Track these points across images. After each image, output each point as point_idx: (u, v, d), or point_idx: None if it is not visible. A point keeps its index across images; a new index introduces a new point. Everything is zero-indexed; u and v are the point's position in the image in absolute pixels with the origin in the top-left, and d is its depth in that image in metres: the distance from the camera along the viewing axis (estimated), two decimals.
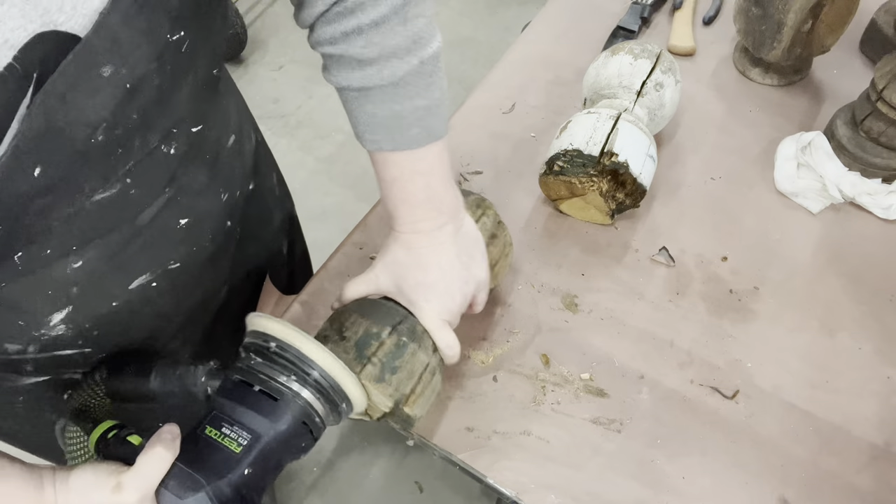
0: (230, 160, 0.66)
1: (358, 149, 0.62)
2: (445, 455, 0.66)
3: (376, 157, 0.59)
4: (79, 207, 0.47)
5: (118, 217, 0.53)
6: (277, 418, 0.51)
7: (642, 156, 0.74)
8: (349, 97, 0.58)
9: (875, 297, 0.75)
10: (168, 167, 0.54)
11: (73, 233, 0.50)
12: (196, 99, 0.53)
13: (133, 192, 0.51)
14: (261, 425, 0.50)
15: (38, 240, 0.48)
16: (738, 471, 0.64)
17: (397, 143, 0.57)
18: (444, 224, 0.60)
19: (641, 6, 1.04)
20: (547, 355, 0.71)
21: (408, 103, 0.56)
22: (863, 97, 0.81)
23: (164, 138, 0.51)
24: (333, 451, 1.56)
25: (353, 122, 0.60)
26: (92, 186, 0.47)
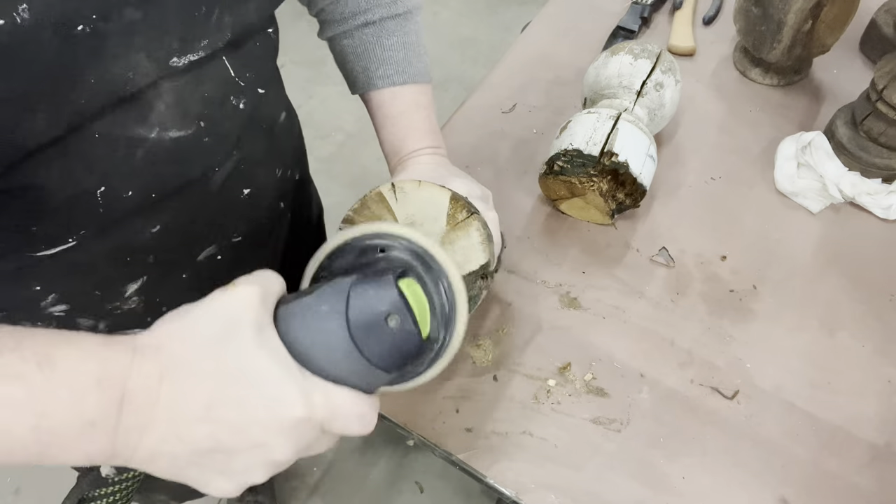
0: (283, 135, 0.70)
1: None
2: (445, 455, 0.66)
3: (384, 95, 0.67)
4: (158, 139, 0.49)
5: (193, 167, 0.55)
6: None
7: (642, 156, 0.74)
8: (365, 37, 0.65)
9: (875, 297, 0.75)
10: (235, 122, 0.57)
11: (152, 172, 0.51)
12: (265, 56, 0.59)
13: (206, 139, 0.54)
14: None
15: (120, 172, 0.49)
16: (738, 471, 0.64)
17: (406, 76, 0.66)
18: (444, 157, 0.68)
19: (641, 6, 1.04)
20: (550, 356, 0.71)
21: (412, 37, 0.66)
22: (863, 97, 0.81)
23: (236, 90, 0.55)
24: (334, 451, 1.56)
25: (361, 69, 0.67)
26: (172, 116, 0.50)
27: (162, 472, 0.38)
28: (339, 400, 0.39)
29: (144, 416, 0.36)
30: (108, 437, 0.35)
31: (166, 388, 0.36)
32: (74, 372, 0.34)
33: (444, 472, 1.49)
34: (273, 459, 0.38)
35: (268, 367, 0.37)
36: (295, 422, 0.37)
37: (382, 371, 0.40)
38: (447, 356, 0.45)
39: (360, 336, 0.38)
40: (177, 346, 0.37)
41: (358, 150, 2.11)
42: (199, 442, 0.36)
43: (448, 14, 2.49)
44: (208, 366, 0.36)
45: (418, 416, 0.67)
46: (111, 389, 0.35)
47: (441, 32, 0.75)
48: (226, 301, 0.38)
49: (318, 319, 0.38)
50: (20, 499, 1.52)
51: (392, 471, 1.52)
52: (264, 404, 0.36)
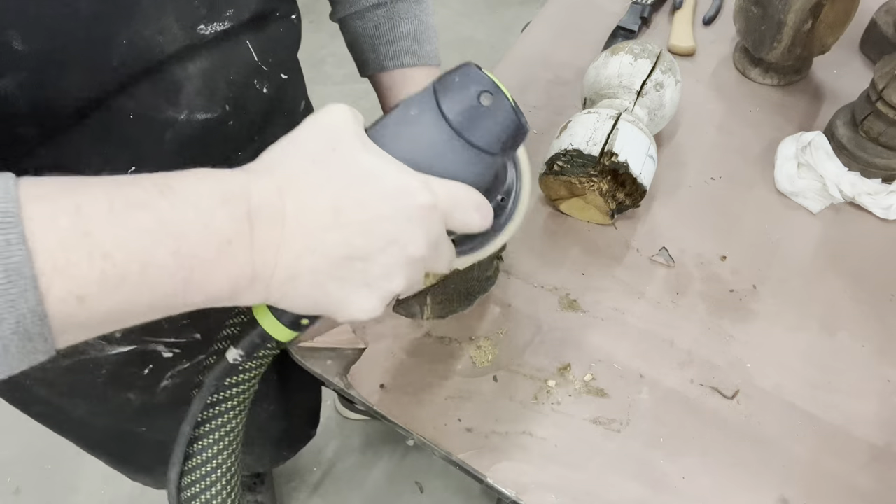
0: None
1: None
2: (445, 455, 0.66)
3: (394, 76, 0.67)
4: (187, 121, 0.50)
5: (218, 150, 0.56)
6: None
7: (642, 156, 0.74)
8: (376, 19, 0.66)
9: (875, 297, 0.75)
10: (259, 106, 0.58)
11: (180, 153, 0.52)
12: (288, 42, 0.60)
13: (231, 122, 0.55)
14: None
15: (151, 153, 0.50)
16: (738, 471, 0.64)
17: (417, 58, 0.66)
18: None
19: (641, 6, 1.04)
20: (550, 357, 0.71)
21: (424, 19, 0.67)
22: (863, 97, 0.81)
23: (260, 74, 0.56)
24: (334, 451, 1.56)
25: (371, 50, 0.67)
26: (200, 98, 0.51)
27: (304, 297, 0.37)
28: (455, 188, 0.38)
29: (276, 233, 0.35)
30: (247, 256, 0.35)
31: (289, 201, 0.36)
32: (196, 194, 0.34)
33: (444, 472, 1.49)
34: (409, 255, 0.37)
35: (381, 165, 0.36)
36: (422, 209, 0.37)
37: (487, 153, 0.39)
38: (522, 205, 0.45)
39: (458, 121, 0.38)
40: (287, 162, 0.37)
41: None
42: (334, 250, 0.36)
43: (448, 14, 2.49)
44: (323, 174, 0.36)
45: (418, 416, 0.67)
46: (237, 205, 0.34)
47: (441, 32, 0.75)
48: (321, 118, 0.38)
49: (412, 122, 0.38)
50: (20, 499, 1.52)
51: (392, 471, 1.52)
52: (388, 197, 0.36)
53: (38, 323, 0.29)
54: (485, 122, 0.38)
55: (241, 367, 0.45)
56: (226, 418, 0.47)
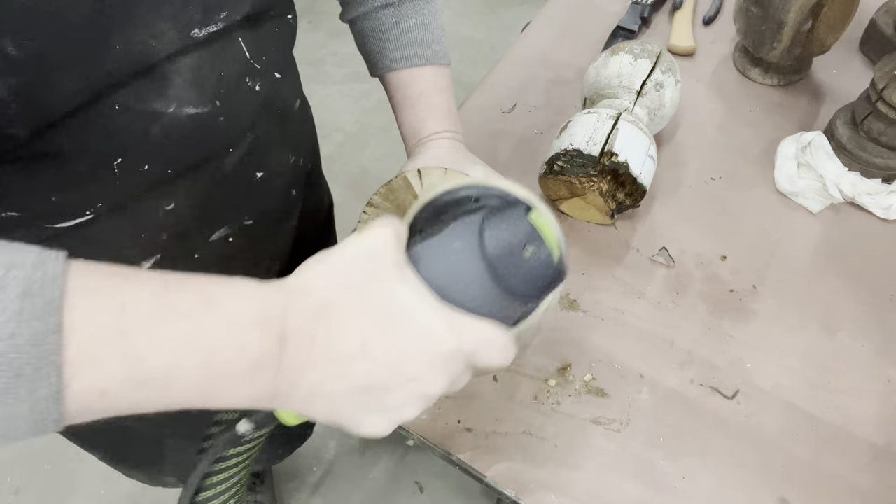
0: (296, 123, 0.71)
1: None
2: (445, 455, 0.66)
3: (403, 76, 0.67)
4: (175, 115, 0.51)
5: (208, 145, 0.56)
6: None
7: (642, 156, 0.74)
8: (384, 18, 0.66)
9: (875, 297, 0.75)
10: (250, 104, 0.58)
11: (168, 147, 0.52)
12: (283, 41, 0.60)
13: (221, 119, 0.55)
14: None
15: (138, 145, 0.50)
16: (738, 471, 0.64)
17: (425, 57, 0.67)
18: (461, 142, 0.68)
19: (641, 6, 1.04)
20: (550, 357, 0.71)
21: (432, 18, 0.67)
22: (863, 97, 0.81)
23: (251, 72, 0.56)
24: (334, 451, 1.56)
25: (380, 50, 0.68)
26: (189, 93, 0.51)
27: (318, 413, 0.38)
28: (483, 331, 0.39)
29: (304, 356, 0.36)
30: (273, 377, 0.35)
31: (322, 326, 0.36)
32: (236, 311, 0.34)
33: (444, 472, 1.49)
34: (426, 393, 0.38)
35: (415, 303, 0.37)
36: (447, 354, 0.37)
37: (520, 302, 0.40)
38: (558, 289, 0.46)
39: (497, 268, 0.38)
40: (325, 286, 0.37)
41: (357, 150, 2.11)
42: (357, 379, 0.36)
43: (448, 14, 2.49)
44: (358, 304, 0.36)
45: (418, 416, 0.67)
46: (272, 328, 0.35)
47: None
48: (364, 242, 0.38)
49: (453, 255, 0.39)
50: (20, 499, 1.52)
51: (392, 471, 1.52)
52: (417, 339, 0.37)
53: (53, 409, 0.30)
54: (524, 273, 0.39)
55: (250, 437, 0.46)
56: (230, 473, 0.49)
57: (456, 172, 0.58)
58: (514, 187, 0.43)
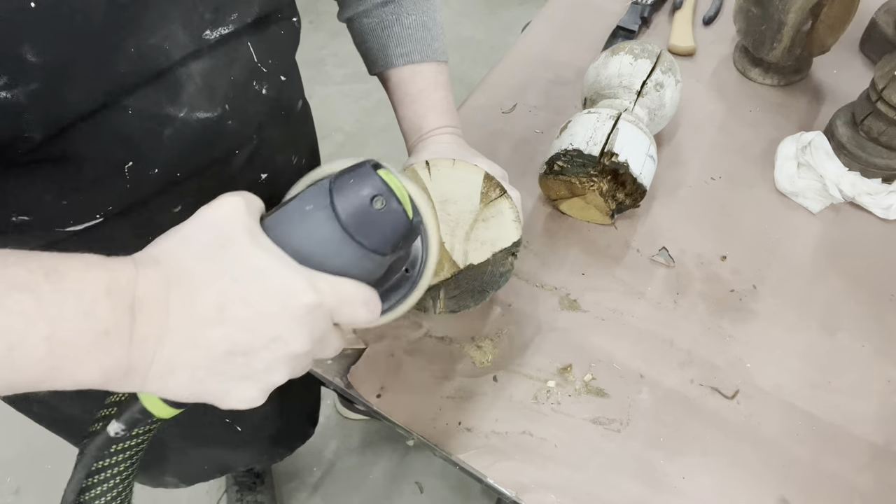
0: (299, 123, 0.72)
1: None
2: (445, 455, 0.66)
3: (403, 73, 0.67)
4: (186, 119, 0.51)
5: (216, 149, 0.57)
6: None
7: (642, 156, 0.74)
8: (384, 16, 0.66)
9: (875, 297, 0.75)
10: (258, 107, 0.59)
11: (178, 151, 0.53)
12: (288, 44, 0.61)
13: (230, 122, 0.55)
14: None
15: (149, 149, 0.51)
16: (738, 471, 0.64)
17: (425, 54, 0.67)
18: (460, 136, 0.68)
19: (641, 6, 1.04)
20: (550, 357, 0.71)
21: (431, 15, 0.68)
22: (863, 97, 0.81)
23: (259, 75, 0.57)
24: (334, 451, 1.56)
25: (380, 47, 0.68)
26: (200, 98, 0.52)
27: (181, 387, 0.37)
28: (343, 286, 0.39)
29: (158, 326, 0.35)
30: (124, 348, 0.35)
31: (174, 295, 0.36)
32: (82, 281, 0.34)
33: (444, 472, 1.49)
34: (291, 351, 0.38)
35: (269, 262, 0.37)
36: (305, 308, 0.37)
37: (378, 254, 0.40)
38: (427, 274, 0.46)
39: (350, 223, 0.39)
40: (176, 256, 0.37)
41: (357, 151, 2.11)
42: (216, 345, 0.36)
43: (448, 14, 2.49)
44: (211, 270, 0.36)
45: (418, 416, 0.67)
46: (121, 297, 0.34)
47: None
48: (213, 211, 0.38)
49: (306, 218, 0.39)
50: (20, 499, 1.52)
51: (392, 471, 1.52)
52: (273, 296, 0.36)
53: None
54: (376, 225, 0.39)
55: (123, 439, 0.46)
56: (111, 484, 0.47)
57: (464, 163, 0.59)
58: (380, 161, 0.44)
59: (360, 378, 0.70)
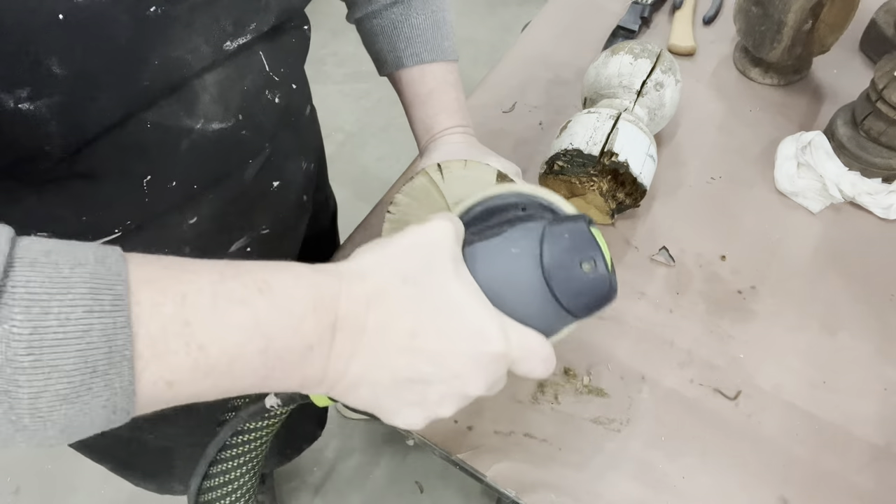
0: (307, 128, 0.73)
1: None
2: (445, 455, 0.66)
3: (413, 73, 0.67)
4: (202, 131, 0.51)
5: (231, 159, 0.57)
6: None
7: (642, 155, 0.74)
8: (393, 17, 0.66)
9: (875, 297, 0.75)
10: (270, 116, 0.59)
11: (194, 163, 0.53)
12: (299, 52, 0.61)
13: (244, 132, 0.55)
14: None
15: (167, 162, 0.51)
16: (738, 471, 0.64)
17: (435, 54, 0.67)
18: (472, 135, 0.68)
19: (641, 6, 1.04)
20: None
21: (441, 15, 0.67)
22: (863, 97, 0.81)
23: (271, 84, 0.57)
24: (335, 451, 1.56)
25: (390, 48, 0.67)
26: (215, 109, 0.51)
27: (360, 400, 0.39)
28: (530, 340, 0.39)
29: (354, 343, 0.36)
30: (323, 362, 0.36)
31: (373, 315, 0.36)
32: (291, 297, 0.35)
33: (444, 472, 1.49)
34: (466, 393, 0.38)
35: (468, 301, 0.37)
36: (492, 356, 0.37)
37: (571, 315, 0.40)
38: (562, 334, 0.46)
39: (554, 279, 0.38)
40: (379, 274, 0.37)
41: (357, 150, 2.11)
42: (401, 371, 0.37)
43: None
44: (411, 295, 0.36)
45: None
46: (325, 314, 0.35)
47: None
48: (423, 234, 0.38)
49: (510, 260, 0.38)
50: (20, 499, 1.52)
51: (392, 471, 1.52)
52: (465, 337, 0.37)
53: (126, 400, 0.30)
54: (579, 288, 0.38)
55: (275, 411, 0.47)
56: (250, 447, 0.49)
57: (476, 163, 0.58)
58: (559, 200, 0.42)
59: None
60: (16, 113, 0.40)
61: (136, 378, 0.30)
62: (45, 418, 0.28)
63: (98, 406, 0.29)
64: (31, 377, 0.27)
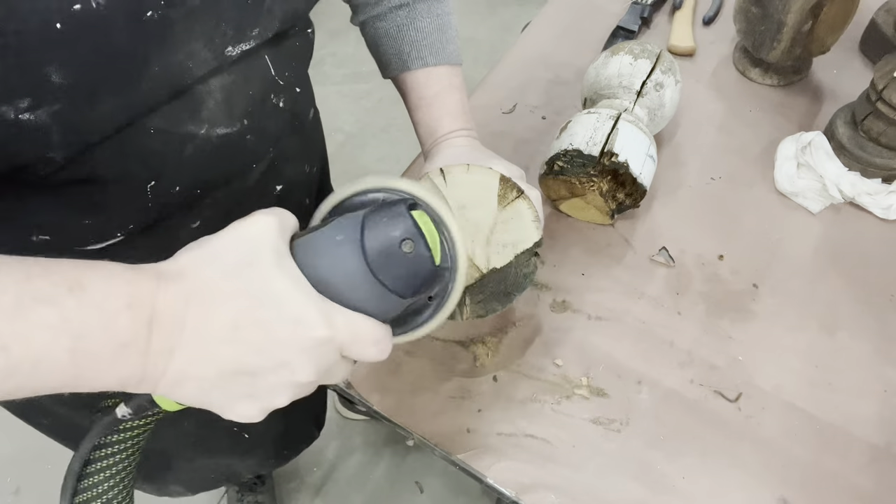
0: (311, 132, 0.73)
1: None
2: (445, 455, 0.66)
3: (417, 76, 0.67)
4: (206, 136, 0.51)
5: (235, 163, 0.57)
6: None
7: (642, 156, 0.74)
8: (398, 20, 0.66)
9: (875, 297, 0.75)
10: (275, 121, 0.58)
11: (198, 168, 0.53)
12: (303, 56, 0.62)
13: (249, 137, 0.55)
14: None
15: (170, 167, 0.51)
16: (738, 471, 0.64)
17: (440, 57, 0.67)
18: (476, 139, 0.68)
19: (641, 6, 1.04)
20: (550, 357, 0.71)
21: (445, 19, 0.67)
22: (863, 97, 0.81)
23: (276, 89, 0.57)
24: (334, 451, 1.56)
25: (395, 51, 0.68)
26: (220, 114, 0.51)
27: (188, 397, 0.39)
28: (357, 323, 0.39)
29: (173, 339, 0.36)
30: (140, 360, 0.36)
31: (192, 310, 0.36)
32: (104, 294, 0.35)
33: (444, 472, 1.49)
34: (296, 380, 0.38)
35: (289, 290, 0.37)
36: (317, 342, 0.38)
37: (397, 296, 0.40)
38: (449, 305, 0.46)
39: (376, 262, 0.39)
40: (199, 271, 0.37)
41: (357, 151, 2.11)
42: (225, 363, 0.37)
43: None
44: (231, 289, 0.37)
45: (418, 416, 0.67)
46: (141, 311, 0.35)
47: None
48: (245, 229, 0.39)
49: (334, 248, 0.39)
50: (20, 499, 1.52)
51: (392, 471, 1.52)
52: (287, 325, 0.37)
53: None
54: (401, 268, 0.39)
55: (129, 421, 0.47)
56: (114, 460, 0.49)
57: (478, 167, 0.59)
58: (419, 189, 0.43)
59: (361, 379, 0.70)
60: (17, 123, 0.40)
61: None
62: None
63: None
64: None
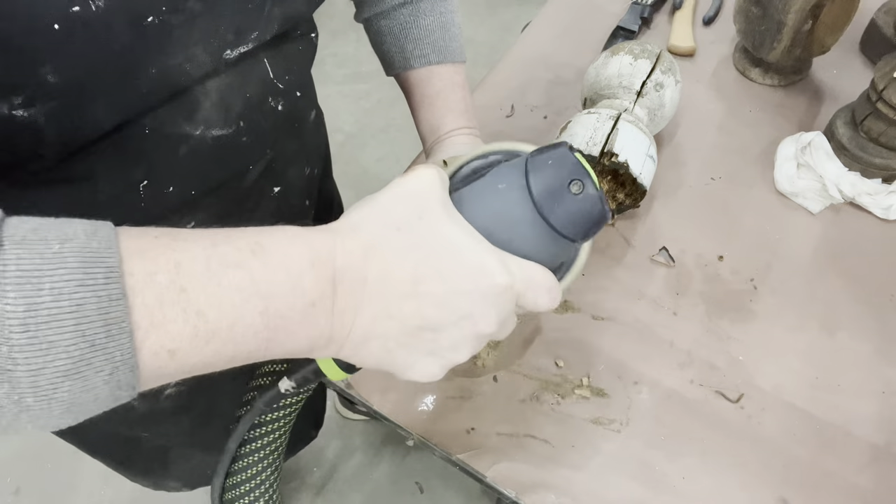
0: (311, 135, 0.72)
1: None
2: (445, 455, 0.66)
3: (420, 74, 0.67)
4: (202, 137, 0.51)
5: (231, 165, 0.57)
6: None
7: (642, 156, 0.74)
8: (402, 17, 0.66)
9: (875, 297, 0.75)
10: (272, 123, 0.58)
11: (193, 169, 0.53)
12: (305, 60, 0.62)
13: (245, 139, 0.55)
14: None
15: (164, 168, 0.50)
16: (738, 471, 0.64)
17: (443, 55, 0.67)
18: (478, 137, 0.68)
19: (641, 6, 1.04)
20: (550, 357, 0.71)
21: (449, 17, 0.67)
22: (863, 97, 0.81)
23: (274, 92, 0.57)
24: (335, 451, 1.56)
25: (398, 49, 0.67)
26: (216, 115, 0.51)
27: (372, 357, 0.38)
28: (531, 270, 0.39)
29: (356, 296, 0.36)
30: (328, 319, 0.36)
31: (372, 265, 0.36)
32: (287, 255, 0.35)
33: (444, 472, 1.49)
34: (478, 332, 0.38)
35: (463, 239, 0.37)
36: (498, 290, 0.37)
37: (568, 240, 0.39)
38: (577, 265, 0.45)
39: (545, 206, 0.37)
40: (374, 225, 0.37)
41: (357, 151, 2.11)
42: (409, 319, 0.37)
43: None
44: (406, 242, 0.36)
45: (418, 416, 0.68)
46: (323, 269, 0.35)
47: None
48: (409, 184, 0.38)
49: (498, 196, 0.38)
50: (20, 499, 1.52)
51: (392, 471, 1.52)
52: (467, 274, 0.36)
53: (129, 374, 0.30)
54: (571, 211, 0.38)
55: (291, 395, 0.46)
56: (269, 439, 0.49)
57: None
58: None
59: (361, 378, 0.70)
60: (10, 119, 0.40)
61: (137, 349, 0.30)
62: (49, 396, 0.28)
63: (100, 381, 0.29)
64: (29, 355, 0.27)
